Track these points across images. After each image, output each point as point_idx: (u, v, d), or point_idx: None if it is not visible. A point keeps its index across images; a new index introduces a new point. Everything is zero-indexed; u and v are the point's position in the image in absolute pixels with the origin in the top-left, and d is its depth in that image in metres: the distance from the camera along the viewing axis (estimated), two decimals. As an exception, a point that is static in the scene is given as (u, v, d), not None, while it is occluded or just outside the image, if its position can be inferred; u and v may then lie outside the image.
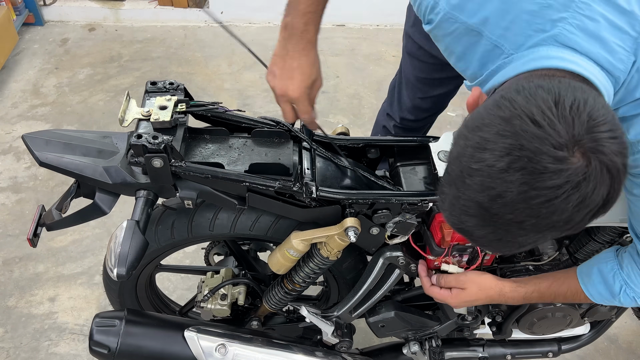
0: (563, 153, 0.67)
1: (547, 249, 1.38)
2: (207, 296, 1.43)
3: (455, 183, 0.75)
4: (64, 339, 1.98)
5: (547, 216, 0.70)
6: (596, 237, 1.30)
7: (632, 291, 1.07)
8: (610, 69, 0.81)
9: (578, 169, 0.67)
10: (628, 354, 2.04)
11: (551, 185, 0.67)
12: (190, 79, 3.16)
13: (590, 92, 0.72)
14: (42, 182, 2.52)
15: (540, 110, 0.68)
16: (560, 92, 0.70)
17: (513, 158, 0.68)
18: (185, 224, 1.28)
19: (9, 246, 2.25)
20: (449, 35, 0.99)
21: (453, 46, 1.00)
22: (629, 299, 1.09)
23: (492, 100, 0.74)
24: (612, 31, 0.80)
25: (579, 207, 0.69)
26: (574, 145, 0.67)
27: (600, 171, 0.68)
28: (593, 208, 0.70)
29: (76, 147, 1.13)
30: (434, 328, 1.52)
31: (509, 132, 0.69)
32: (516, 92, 0.72)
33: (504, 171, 0.69)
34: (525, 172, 0.68)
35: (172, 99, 1.13)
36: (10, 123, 2.83)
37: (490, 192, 0.70)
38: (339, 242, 1.22)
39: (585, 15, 0.81)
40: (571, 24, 0.81)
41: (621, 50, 0.81)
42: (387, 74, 3.26)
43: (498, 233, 0.74)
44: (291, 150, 1.21)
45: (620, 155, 0.69)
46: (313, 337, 1.56)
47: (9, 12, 3.17)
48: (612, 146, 0.68)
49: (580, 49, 0.81)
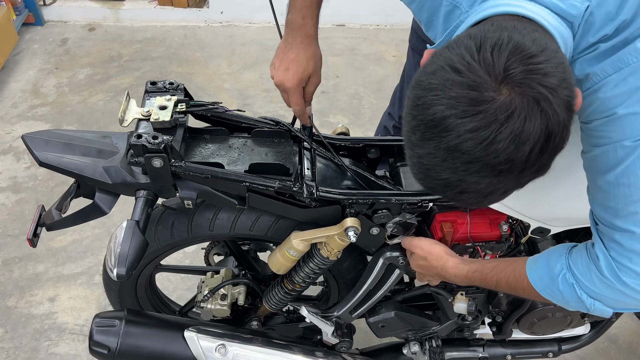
0: (479, 93, 0.68)
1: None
2: (207, 296, 1.43)
3: (408, 143, 0.78)
4: (64, 339, 1.98)
5: (487, 156, 0.70)
6: (596, 237, 1.30)
7: (572, 277, 0.96)
8: (562, 14, 0.82)
9: (501, 106, 0.68)
10: (628, 354, 2.04)
11: (475, 128, 0.69)
12: (190, 79, 3.16)
13: (525, 30, 0.72)
14: (42, 182, 2.52)
15: (461, 57, 0.70)
16: (486, 35, 0.71)
17: (438, 109, 0.70)
18: (185, 224, 1.28)
19: (9, 246, 2.25)
20: (413, 2, 1.03)
21: (419, 14, 1.04)
22: (567, 285, 0.97)
23: (429, 58, 0.76)
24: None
25: (516, 143, 0.69)
26: (500, 84, 0.68)
27: (527, 104, 0.68)
28: (535, 143, 0.70)
29: (76, 147, 1.13)
30: (434, 328, 1.52)
31: (434, 84, 0.71)
32: (445, 45, 0.74)
33: (436, 123, 0.71)
34: (451, 119, 0.69)
35: (172, 99, 1.13)
36: (10, 123, 2.83)
37: (429, 145, 0.73)
38: (339, 242, 1.22)
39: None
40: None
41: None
42: (387, 74, 3.26)
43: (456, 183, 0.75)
44: (291, 150, 1.21)
45: (551, 85, 0.69)
46: (313, 337, 1.56)
47: (9, 12, 3.17)
48: (539, 77, 0.68)
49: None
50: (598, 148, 0.87)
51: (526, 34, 0.71)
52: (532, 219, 1.23)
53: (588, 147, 0.90)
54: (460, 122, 0.69)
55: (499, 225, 1.24)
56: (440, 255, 1.19)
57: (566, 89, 0.71)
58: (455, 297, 1.40)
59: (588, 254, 0.96)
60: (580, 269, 0.96)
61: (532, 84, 0.68)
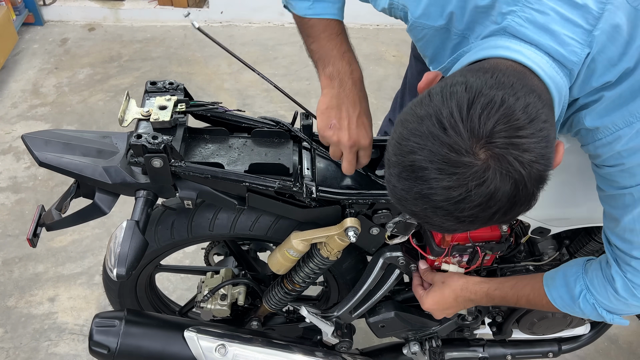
0: (458, 157, 0.70)
1: (547, 249, 1.38)
2: (207, 296, 1.43)
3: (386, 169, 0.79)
4: (64, 339, 1.98)
5: (454, 210, 0.73)
6: (596, 237, 1.30)
7: (592, 297, 1.03)
8: (562, 60, 0.83)
9: (475, 173, 0.70)
10: (628, 354, 2.04)
11: (448, 186, 0.71)
12: (190, 78, 3.16)
13: (521, 92, 0.72)
14: (42, 182, 2.52)
15: (450, 112, 0.70)
16: (482, 91, 0.71)
17: (417, 157, 0.72)
18: (185, 224, 1.28)
19: (9, 246, 2.25)
20: (421, 39, 1.02)
21: (425, 50, 1.05)
22: (588, 305, 1.04)
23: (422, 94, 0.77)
24: (564, 24, 0.82)
25: (482, 206, 0.72)
26: (480, 148, 0.70)
27: (500, 176, 0.70)
28: (500, 208, 0.73)
29: (76, 147, 1.13)
30: (434, 328, 1.52)
31: (418, 132, 0.72)
32: (440, 87, 0.75)
33: (414, 169, 0.73)
34: (428, 171, 0.71)
35: (172, 98, 1.13)
36: (10, 123, 2.83)
37: (404, 183, 0.75)
38: (339, 242, 1.22)
39: (535, 9, 0.83)
40: (520, 16, 0.84)
41: (574, 43, 0.82)
42: (387, 74, 3.26)
43: (423, 217, 0.78)
44: (291, 150, 1.21)
45: (527, 161, 0.70)
46: (313, 338, 1.56)
47: (9, 12, 3.17)
48: (518, 153, 0.70)
49: (529, 40, 0.83)
50: (612, 190, 0.92)
51: (521, 96, 0.72)
52: (532, 219, 1.23)
53: (602, 186, 0.95)
54: (435, 177, 0.71)
55: (499, 226, 1.24)
56: (460, 276, 1.24)
57: (542, 164, 0.72)
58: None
59: (603, 274, 1.01)
60: (598, 289, 1.02)
61: (510, 159, 0.70)
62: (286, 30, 3.59)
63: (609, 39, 0.82)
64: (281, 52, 3.40)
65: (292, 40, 3.48)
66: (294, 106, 1.23)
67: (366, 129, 1.10)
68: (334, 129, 1.08)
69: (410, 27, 1.01)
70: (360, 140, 1.09)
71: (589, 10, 0.81)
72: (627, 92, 0.84)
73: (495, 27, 0.86)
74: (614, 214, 0.94)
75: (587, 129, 0.89)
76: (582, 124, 0.90)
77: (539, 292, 1.13)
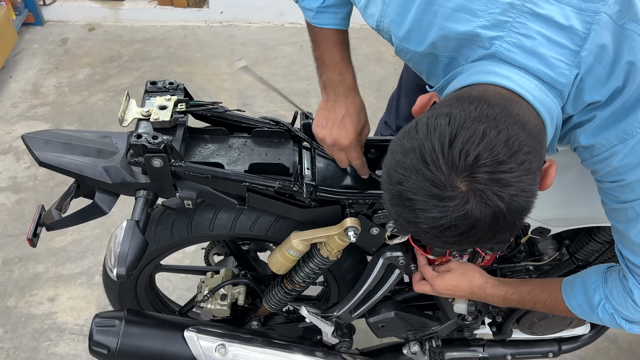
0: (440, 191, 0.72)
1: (547, 249, 1.38)
2: (207, 296, 1.43)
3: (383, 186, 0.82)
4: (64, 339, 1.98)
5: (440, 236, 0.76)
6: (596, 237, 1.30)
7: (611, 307, 1.04)
8: (551, 82, 0.84)
9: (457, 206, 0.72)
10: (628, 354, 2.04)
11: (432, 217, 0.74)
12: (190, 78, 3.16)
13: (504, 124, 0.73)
14: (42, 182, 2.52)
15: (432, 147, 0.73)
16: (464, 124, 0.73)
17: (404, 189, 0.75)
18: (185, 224, 1.28)
19: (9, 246, 2.25)
20: (409, 60, 1.04)
21: (418, 67, 1.06)
22: (607, 315, 1.05)
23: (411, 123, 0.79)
24: (551, 46, 0.83)
25: (464, 235, 0.75)
26: (462, 181, 0.71)
27: (481, 211, 0.72)
28: (482, 237, 0.75)
29: (76, 147, 1.13)
30: (434, 328, 1.52)
31: (404, 165, 0.75)
32: (426, 118, 0.77)
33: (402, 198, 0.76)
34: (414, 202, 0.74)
35: (172, 98, 1.13)
36: (10, 123, 2.83)
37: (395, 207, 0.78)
38: (339, 242, 1.22)
39: (521, 33, 0.84)
40: (507, 41, 0.84)
41: (562, 65, 0.83)
42: (387, 74, 3.26)
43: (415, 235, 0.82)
44: (291, 150, 1.21)
45: (508, 197, 0.72)
46: (313, 337, 1.56)
47: (9, 12, 3.17)
48: (498, 188, 0.71)
49: (518, 64, 0.84)
50: (614, 204, 0.94)
51: (503, 129, 0.73)
52: (532, 219, 1.23)
53: (605, 199, 0.97)
54: (421, 208, 0.74)
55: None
56: (480, 274, 1.24)
57: (523, 198, 0.73)
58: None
59: (622, 285, 1.03)
60: (617, 300, 1.04)
61: (489, 194, 0.71)
62: (286, 30, 3.59)
63: (596, 59, 0.82)
64: (281, 52, 3.40)
65: (292, 40, 3.49)
66: (294, 106, 1.23)
67: (347, 131, 1.13)
68: (319, 128, 1.15)
69: (395, 50, 1.02)
70: (340, 140, 1.13)
71: (575, 32, 0.82)
72: (619, 110, 0.85)
73: (484, 52, 0.87)
74: (620, 228, 0.96)
75: (583, 146, 0.91)
76: (577, 142, 0.92)
77: (557, 298, 1.14)
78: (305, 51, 3.39)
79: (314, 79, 3.19)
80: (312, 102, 3.01)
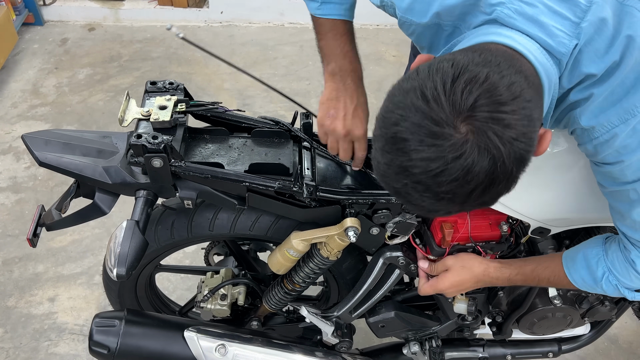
0: (439, 128, 0.70)
1: (547, 249, 1.38)
2: (207, 296, 1.43)
3: (373, 144, 0.80)
4: (64, 339, 1.98)
5: (432, 184, 0.73)
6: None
7: (615, 279, 1.06)
8: (550, 50, 0.84)
9: (454, 145, 0.70)
10: (628, 354, 2.04)
11: (427, 158, 0.71)
12: (190, 78, 3.16)
13: (507, 71, 0.73)
14: (42, 182, 2.52)
15: (434, 85, 0.71)
16: (467, 68, 0.72)
17: (399, 129, 0.73)
18: (185, 224, 1.28)
19: (9, 246, 2.25)
20: (412, 34, 1.04)
21: (420, 41, 1.06)
22: (611, 286, 1.07)
23: (410, 71, 0.78)
24: (552, 16, 0.84)
25: (459, 181, 0.72)
26: (461, 121, 0.70)
27: (478, 150, 0.70)
28: (478, 185, 0.72)
29: (76, 147, 1.13)
30: (434, 328, 1.52)
31: (402, 105, 0.73)
32: (428, 64, 0.75)
33: (395, 140, 0.74)
34: (409, 142, 0.72)
35: (172, 98, 1.13)
36: (10, 123, 2.83)
37: (386, 157, 0.76)
38: (339, 242, 1.22)
39: (523, 1, 0.84)
40: (509, 8, 0.85)
41: (562, 34, 0.83)
42: (387, 74, 3.26)
43: (404, 194, 0.78)
44: (291, 150, 1.21)
45: (508, 138, 0.70)
46: (313, 337, 1.56)
47: (9, 12, 3.17)
48: (499, 127, 0.70)
49: (519, 30, 0.84)
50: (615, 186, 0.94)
51: (506, 75, 0.72)
52: (532, 219, 1.23)
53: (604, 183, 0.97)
54: (415, 148, 0.72)
55: (499, 226, 1.24)
56: (480, 261, 1.23)
57: (523, 143, 0.72)
58: (455, 297, 1.40)
59: (624, 256, 1.04)
60: (620, 271, 1.05)
61: (489, 134, 0.70)
62: (286, 30, 3.59)
63: (596, 31, 0.83)
64: (281, 52, 3.40)
65: (292, 40, 3.49)
66: (294, 106, 1.23)
67: (361, 121, 1.12)
68: (331, 119, 1.12)
69: (399, 23, 1.03)
70: (354, 130, 1.11)
71: (577, 4, 0.83)
72: (618, 88, 0.85)
73: (486, 17, 0.88)
74: (620, 209, 0.96)
75: (583, 128, 0.91)
76: (577, 123, 0.91)
77: (560, 274, 1.15)
78: (305, 51, 3.39)
79: (314, 79, 3.20)
80: (312, 102, 3.01)
